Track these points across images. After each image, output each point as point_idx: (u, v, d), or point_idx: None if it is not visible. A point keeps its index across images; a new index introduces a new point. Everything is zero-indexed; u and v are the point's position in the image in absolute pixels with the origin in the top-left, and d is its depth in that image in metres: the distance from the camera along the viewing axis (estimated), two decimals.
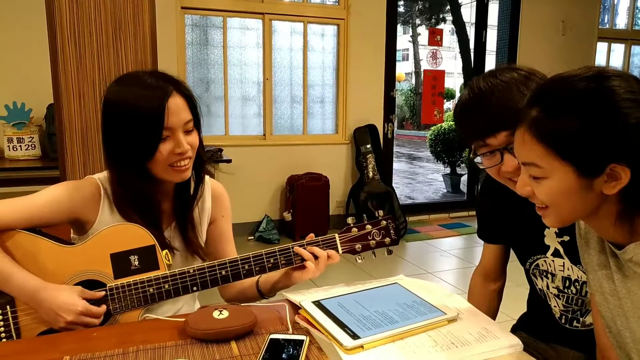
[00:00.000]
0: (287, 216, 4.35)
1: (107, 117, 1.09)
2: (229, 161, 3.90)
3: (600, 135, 0.69)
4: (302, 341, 0.91)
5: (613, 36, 5.99)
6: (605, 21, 6.16)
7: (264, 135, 4.50)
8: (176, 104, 1.07)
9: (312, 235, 1.16)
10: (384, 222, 1.19)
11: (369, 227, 1.18)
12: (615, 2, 6.26)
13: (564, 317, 1.17)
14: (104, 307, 1.04)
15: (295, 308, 1.06)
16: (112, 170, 1.12)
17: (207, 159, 1.22)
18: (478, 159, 1.04)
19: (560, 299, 1.16)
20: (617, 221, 0.75)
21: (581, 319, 1.15)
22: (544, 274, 1.17)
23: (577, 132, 0.70)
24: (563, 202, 0.75)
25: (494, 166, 1.02)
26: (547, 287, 1.18)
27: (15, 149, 3.41)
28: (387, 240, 1.18)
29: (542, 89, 0.77)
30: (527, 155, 0.76)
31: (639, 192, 0.71)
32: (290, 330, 0.98)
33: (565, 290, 1.14)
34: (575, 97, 0.71)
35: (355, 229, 1.17)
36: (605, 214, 0.75)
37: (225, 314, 0.98)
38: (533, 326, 1.27)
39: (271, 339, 0.93)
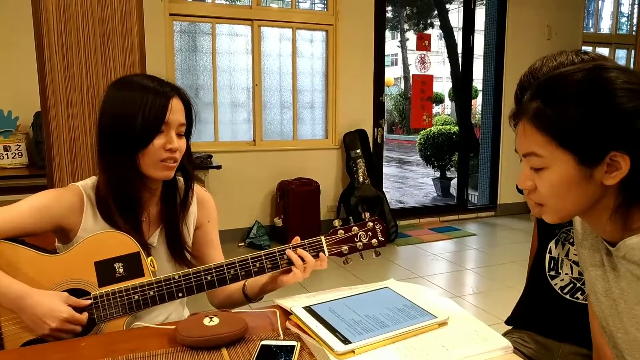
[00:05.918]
0: (278, 222, 4.34)
1: (108, 104, 1.11)
2: (218, 167, 3.89)
3: (598, 122, 0.71)
4: (293, 347, 0.91)
5: (597, 40, 6.10)
6: (590, 25, 6.26)
7: (254, 141, 4.49)
8: (177, 105, 1.13)
9: (297, 238, 1.15)
10: (371, 224, 1.18)
11: (355, 229, 1.17)
12: (600, 7, 6.36)
13: (570, 285, 1.20)
14: (85, 315, 1.03)
15: (286, 314, 1.06)
16: (102, 162, 1.12)
17: (197, 165, 1.24)
18: None
19: (579, 265, 1.19)
20: (613, 215, 0.76)
21: (585, 289, 1.19)
22: (571, 239, 1.20)
23: (576, 120, 0.72)
24: (564, 194, 0.76)
25: None
26: (567, 255, 1.20)
27: (1, 157, 3.37)
28: (375, 241, 1.17)
29: (542, 84, 0.79)
30: (528, 146, 0.77)
31: (638, 182, 0.73)
32: (282, 336, 0.98)
33: None
34: (573, 88, 0.73)
35: (341, 231, 1.16)
36: (603, 207, 0.76)
37: (216, 320, 0.98)
38: (530, 311, 1.30)
39: (262, 345, 0.92)
